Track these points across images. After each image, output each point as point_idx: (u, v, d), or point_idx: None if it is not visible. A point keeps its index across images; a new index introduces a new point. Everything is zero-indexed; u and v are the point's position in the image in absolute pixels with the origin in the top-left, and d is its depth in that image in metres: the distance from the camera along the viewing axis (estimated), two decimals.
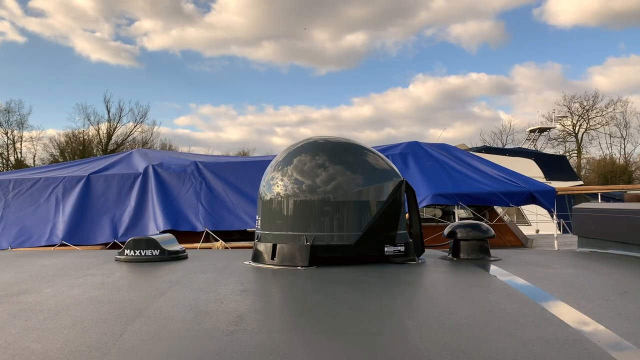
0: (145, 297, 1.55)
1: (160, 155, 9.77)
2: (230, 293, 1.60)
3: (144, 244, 2.35)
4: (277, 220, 2.23)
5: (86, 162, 9.52)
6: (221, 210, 7.81)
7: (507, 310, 1.38)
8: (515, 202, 8.28)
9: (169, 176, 8.21)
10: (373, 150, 2.41)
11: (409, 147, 9.20)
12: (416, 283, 1.87)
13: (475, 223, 2.39)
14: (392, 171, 2.33)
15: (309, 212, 2.18)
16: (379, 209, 2.21)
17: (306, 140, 2.45)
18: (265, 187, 2.33)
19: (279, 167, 2.32)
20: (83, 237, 7.40)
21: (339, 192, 2.18)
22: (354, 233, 2.16)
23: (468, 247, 2.32)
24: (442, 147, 9.76)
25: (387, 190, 2.25)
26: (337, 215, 2.17)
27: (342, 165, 2.24)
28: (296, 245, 2.16)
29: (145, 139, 41.12)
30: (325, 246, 2.14)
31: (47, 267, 2.27)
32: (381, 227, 2.20)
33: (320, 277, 1.89)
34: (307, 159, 2.27)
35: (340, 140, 2.45)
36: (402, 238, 2.26)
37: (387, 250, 2.20)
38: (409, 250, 2.26)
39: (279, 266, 2.13)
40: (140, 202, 7.85)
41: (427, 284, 1.87)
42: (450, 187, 8.17)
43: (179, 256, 2.43)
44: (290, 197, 2.21)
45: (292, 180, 2.23)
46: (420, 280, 1.93)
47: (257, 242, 2.32)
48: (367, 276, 1.90)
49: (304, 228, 2.17)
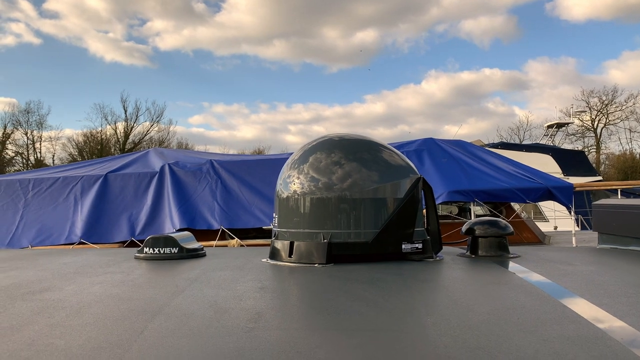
0: (165, 294, 1.57)
1: (176, 154, 9.86)
2: (248, 290, 1.61)
3: (163, 241, 2.37)
4: (294, 218, 2.24)
5: (104, 161, 9.64)
6: (237, 209, 7.85)
7: (527, 307, 1.37)
8: (532, 198, 8.18)
9: (185, 175, 8.27)
10: (389, 147, 2.40)
11: (424, 144, 9.14)
12: (434, 280, 1.86)
13: (494, 219, 2.37)
14: (408, 168, 2.32)
15: (326, 210, 2.18)
16: (396, 206, 2.20)
17: (321, 137, 2.46)
18: (282, 185, 2.34)
19: (295, 165, 2.32)
20: (101, 236, 7.49)
21: (356, 190, 2.18)
22: (371, 230, 2.16)
23: (486, 244, 2.30)
24: (458, 144, 9.69)
25: (404, 187, 2.24)
26: (353, 212, 2.17)
27: (357, 162, 2.24)
28: (313, 242, 2.16)
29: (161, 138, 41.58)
30: (342, 244, 2.15)
31: (67, 265, 2.30)
32: (398, 224, 2.19)
33: (338, 275, 1.89)
34: (322, 157, 2.28)
35: (356, 137, 2.45)
36: (419, 235, 2.25)
37: (404, 247, 2.19)
38: (426, 248, 2.25)
39: (296, 264, 2.14)
40: (157, 201, 7.92)
41: (446, 281, 1.86)
42: (466, 184, 8.11)
43: (198, 254, 2.45)
44: (306, 195, 2.22)
45: (309, 178, 2.24)
46: (438, 277, 1.92)
47: (275, 239, 2.33)
48: (384, 274, 1.90)
49: (321, 226, 2.18)
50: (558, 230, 11.58)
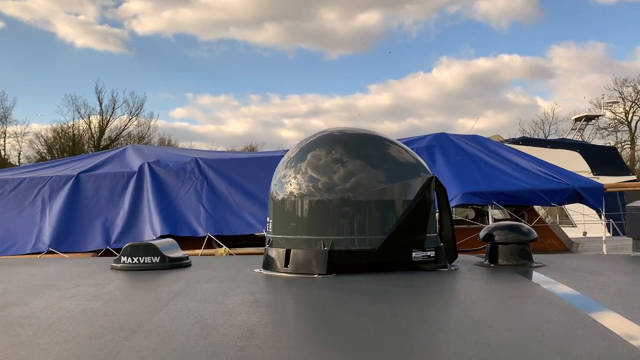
0: (145, 309, 1.57)
1: (157, 152, 9.87)
2: (239, 304, 1.61)
3: (143, 250, 2.37)
4: (291, 223, 2.25)
5: (76, 160, 9.65)
6: (225, 213, 7.87)
7: (553, 323, 1.37)
8: (558, 200, 8.21)
9: (167, 175, 8.29)
10: (397, 143, 2.41)
11: (436, 140, 9.17)
12: (448, 292, 1.87)
13: (515, 224, 2.37)
14: (419, 166, 2.32)
15: (326, 214, 2.19)
16: (405, 209, 2.20)
17: (321, 132, 2.46)
18: (277, 186, 2.35)
19: (291, 164, 2.33)
20: (72, 244, 7.49)
21: (360, 191, 2.19)
22: (377, 237, 2.17)
23: (507, 252, 2.31)
24: (474, 139, 9.71)
25: (414, 187, 2.25)
26: (357, 216, 2.18)
27: (362, 159, 2.24)
28: (312, 250, 2.17)
29: (141, 134, 41.59)
30: (344, 251, 2.15)
31: (35, 276, 2.30)
32: (408, 229, 2.20)
33: (340, 286, 1.90)
34: (322, 154, 2.28)
35: (359, 131, 2.45)
36: (432, 242, 2.25)
37: (415, 255, 2.20)
38: (439, 256, 2.26)
39: (293, 274, 2.14)
40: (135, 204, 7.94)
41: (461, 293, 1.86)
42: (483, 185, 8.13)
43: (182, 263, 2.45)
44: (304, 197, 2.22)
45: (307, 178, 2.24)
46: (452, 289, 1.92)
47: (268, 247, 2.33)
48: (392, 285, 1.91)
49: (321, 231, 2.18)
50: (587, 237, 11.61)
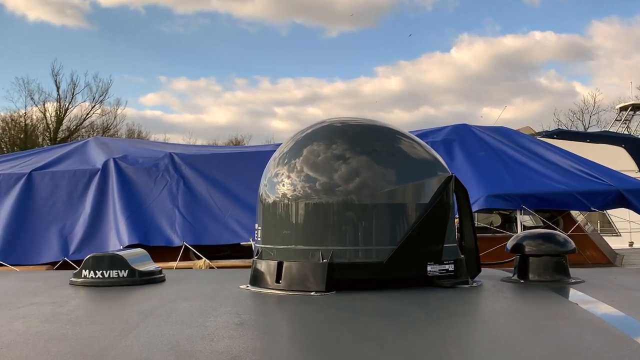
0: (111, 332, 1.57)
1: (125, 145, 9.84)
2: (222, 327, 1.61)
3: (108, 262, 2.37)
4: (283, 231, 2.25)
5: (28, 155, 9.62)
6: (205, 218, 7.86)
7: (594, 350, 1.38)
8: (599, 204, 8.20)
9: (136, 173, 8.27)
10: (409, 135, 2.41)
11: (455, 132, 9.17)
12: (470, 314, 1.87)
13: (549, 233, 2.39)
14: (436, 163, 2.33)
15: (326, 220, 2.19)
16: (419, 215, 2.21)
17: (319, 123, 2.47)
18: (267, 186, 2.35)
19: (284, 160, 2.33)
20: (23, 255, 7.47)
21: (365, 193, 2.19)
22: (385, 247, 2.17)
23: (539, 265, 2.31)
24: (500, 132, 9.72)
25: (429, 189, 2.25)
26: (362, 223, 2.18)
27: (367, 155, 2.25)
28: (308, 263, 2.17)
29: (106, 124, 41.58)
30: (347, 265, 2.16)
31: None
32: (422, 239, 2.20)
33: (341, 306, 1.90)
34: (321, 149, 2.29)
35: (364, 122, 2.46)
36: (450, 253, 2.26)
37: (430, 269, 2.20)
38: (459, 270, 2.27)
39: (286, 291, 2.15)
40: (98, 208, 7.92)
41: (485, 314, 1.87)
42: (511, 186, 8.13)
43: (154, 278, 2.46)
44: (300, 200, 2.23)
45: (303, 177, 2.25)
46: (475, 309, 1.93)
47: (257, 259, 2.34)
48: (403, 304, 1.91)
49: (319, 240, 2.19)
50: (634, 248, 11.62)
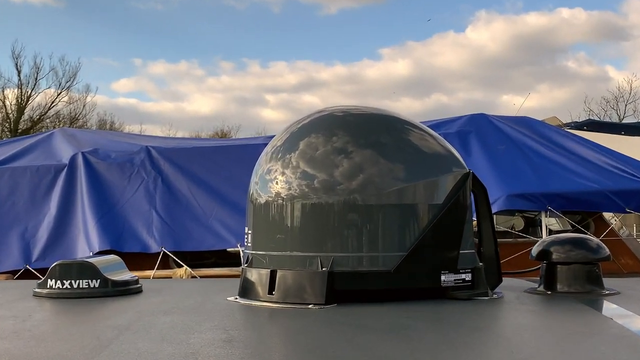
0: (81, 350, 1.57)
1: (95, 138, 9.85)
2: (207, 344, 1.61)
3: (77, 270, 2.37)
4: (277, 235, 2.25)
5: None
6: (187, 221, 7.86)
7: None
8: (636, 205, 8.22)
9: (108, 169, 8.28)
10: (421, 126, 2.41)
11: (472, 123, 9.18)
12: (489, 329, 1.88)
13: (580, 238, 2.39)
14: (451, 158, 2.33)
15: (325, 222, 2.19)
16: (431, 217, 2.21)
17: (317, 113, 2.47)
18: (259, 184, 2.35)
19: (278, 155, 2.33)
20: None
21: (370, 191, 2.19)
22: (393, 254, 2.17)
23: (569, 275, 2.31)
24: (522, 123, 9.73)
25: (444, 187, 2.26)
26: (367, 226, 2.18)
27: (373, 149, 2.25)
28: (306, 272, 2.17)
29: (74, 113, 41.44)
30: (349, 274, 2.16)
31: None
32: (435, 244, 2.21)
33: (343, 320, 1.90)
34: (319, 142, 2.28)
35: (369, 111, 2.46)
36: (467, 261, 2.26)
37: (444, 279, 2.20)
38: (478, 280, 2.27)
39: (280, 304, 2.14)
40: (65, 209, 7.92)
41: (507, 330, 1.87)
42: (534, 184, 8.14)
43: (130, 289, 2.45)
44: (296, 200, 2.23)
45: (299, 174, 2.25)
46: (495, 324, 1.94)
47: (247, 268, 2.34)
48: (413, 319, 1.92)
49: (318, 246, 2.19)
50: None
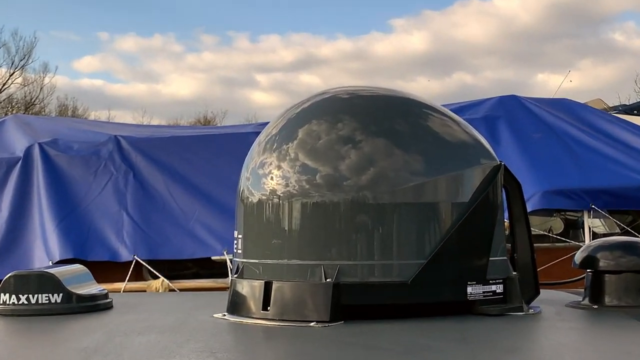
0: None
1: (55, 126, 9.85)
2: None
3: (35, 283, 2.37)
4: (272, 240, 2.25)
5: None
6: (163, 224, 7.87)
7: None
8: None
9: (70, 163, 8.28)
10: (442, 110, 2.42)
11: (501, 107, 9.18)
12: (525, 351, 1.87)
13: (632, 242, 2.39)
14: (479, 147, 2.33)
15: (329, 225, 2.19)
16: (456, 218, 2.21)
17: (319, 95, 2.47)
18: (250, 180, 2.36)
19: (272, 145, 2.34)
20: None
21: (383, 188, 2.19)
22: (410, 261, 2.17)
23: (619, 286, 2.31)
24: (561, 106, 9.73)
25: (470, 182, 2.26)
26: (379, 229, 2.18)
27: (386, 137, 2.25)
28: (307, 284, 2.17)
29: (30, 97, 41.46)
30: (358, 285, 2.16)
31: None
32: (461, 250, 2.21)
33: (351, 341, 1.90)
34: (322, 129, 2.29)
35: (381, 92, 2.47)
36: (498, 270, 2.26)
37: (471, 292, 2.20)
38: (511, 292, 2.27)
39: (278, 322, 2.14)
40: (19, 210, 7.94)
41: (546, 352, 1.87)
42: (575, 179, 8.15)
43: (98, 305, 2.46)
44: (294, 198, 2.23)
45: (298, 168, 2.25)
46: (532, 345, 1.93)
47: (236, 279, 2.34)
48: (435, 338, 1.92)
49: (321, 253, 2.19)
50: None
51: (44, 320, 2.26)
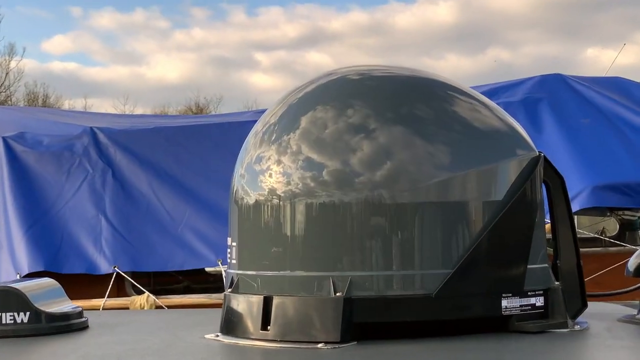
0: None
1: (22, 118, 9.90)
2: None
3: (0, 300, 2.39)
4: (272, 248, 2.26)
5: None
6: (148, 230, 7.91)
7: None
8: None
9: (39, 160, 8.32)
10: (471, 93, 2.42)
11: (544, 87, 9.18)
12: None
13: None
14: (515, 136, 2.34)
15: (339, 229, 2.20)
16: (487, 220, 2.21)
17: (325, 76, 2.48)
18: (245, 178, 2.37)
19: (271, 137, 2.35)
20: None
21: (402, 186, 2.20)
22: (434, 271, 2.17)
23: None
24: (615, 86, 9.72)
25: (505, 178, 2.26)
26: (398, 233, 2.18)
27: (405, 125, 2.26)
28: (313, 298, 2.18)
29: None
30: (374, 300, 2.16)
31: None
32: (493, 257, 2.21)
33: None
34: (329, 117, 2.30)
35: (398, 72, 2.48)
36: (538, 280, 2.26)
37: (507, 305, 2.20)
38: (553, 305, 2.27)
39: (279, 343, 2.15)
40: None
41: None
42: (631, 172, 8.15)
43: (71, 325, 2.47)
44: (298, 199, 2.23)
45: (301, 163, 2.26)
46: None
47: (231, 293, 2.35)
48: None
49: (330, 263, 2.19)
50: None
51: (7, 343, 2.28)
